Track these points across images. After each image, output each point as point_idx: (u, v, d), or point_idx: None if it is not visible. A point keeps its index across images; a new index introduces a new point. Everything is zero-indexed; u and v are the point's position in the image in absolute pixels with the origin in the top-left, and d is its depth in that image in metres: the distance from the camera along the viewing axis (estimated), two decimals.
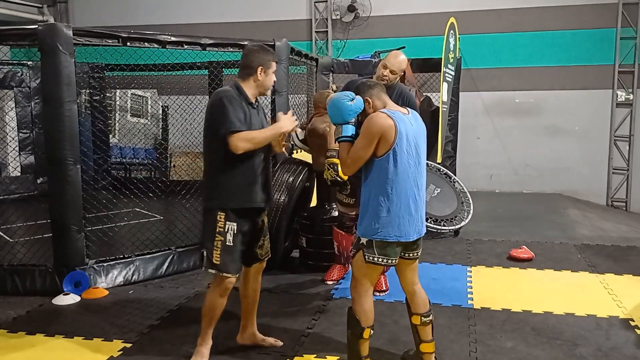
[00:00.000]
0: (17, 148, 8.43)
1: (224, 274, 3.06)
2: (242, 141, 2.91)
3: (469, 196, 6.62)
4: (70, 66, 4.31)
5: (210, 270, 3.09)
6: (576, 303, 4.18)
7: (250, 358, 3.29)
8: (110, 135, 9.61)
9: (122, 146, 9.83)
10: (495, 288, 4.55)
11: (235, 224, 3.04)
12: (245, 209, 3.07)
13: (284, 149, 3.27)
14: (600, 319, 3.90)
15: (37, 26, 4.24)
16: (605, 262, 5.20)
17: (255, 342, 3.42)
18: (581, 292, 4.44)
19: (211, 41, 4.98)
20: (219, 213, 3.03)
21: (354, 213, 4.29)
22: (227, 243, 3.03)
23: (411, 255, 3.01)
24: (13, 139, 8.23)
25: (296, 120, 3.07)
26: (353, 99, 2.91)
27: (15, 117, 8.40)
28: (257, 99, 3.17)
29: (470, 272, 4.95)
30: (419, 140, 2.97)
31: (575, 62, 8.59)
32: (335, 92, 4.89)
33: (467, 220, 6.29)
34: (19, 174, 8.58)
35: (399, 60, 4.05)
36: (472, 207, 6.48)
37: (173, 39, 4.83)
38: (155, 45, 4.79)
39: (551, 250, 5.63)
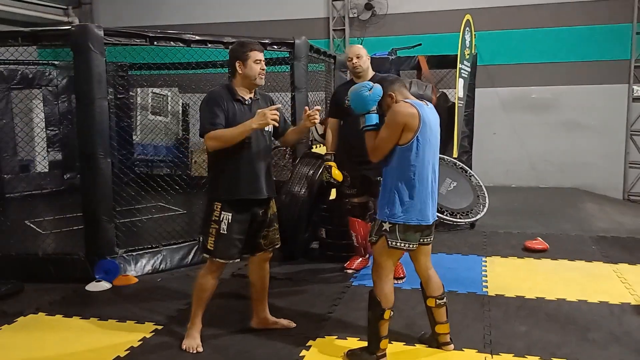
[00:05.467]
0: (45, 145, 8.74)
1: (216, 259, 3.28)
2: (211, 140, 3.11)
3: (485, 190, 6.73)
4: (101, 65, 4.53)
5: (204, 255, 3.34)
6: (589, 291, 4.29)
7: (274, 339, 3.47)
8: (133, 134, 9.88)
9: (143, 144, 10.09)
10: (509, 277, 4.67)
11: (230, 214, 3.22)
12: (239, 201, 3.24)
13: (316, 122, 3.33)
14: (613, 305, 4.00)
15: (70, 27, 4.47)
16: (620, 253, 5.29)
17: (268, 325, 3.60)
18: (595, 281, 4.55)
19: (234, 40, 5.14)
20: (215, 203, 3.25)
21: (357, 200, 4.58)
22: (221, 231, 3.23)
23: (426, 240, 3.17)
24: (40, 135, 8.53)
25: (275, 113, 3.07)
26: (371, 88, 3.07)
27: (44, 115, 8.69)
28: (255, 93, 3.30)
29: (486, 262, 5.08)
30: (436, 130, 3.13)
31: (591, 57, 8.63)
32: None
33: (482, 213, 6.41)
34: (47, 170, 8.87)
35: (354, 47, 4.52)
36: (487, 201, 6.59)
37: (197, 38, 5.03)
38: (181, 44, 4.99)
39: (566, 241, 5.73)
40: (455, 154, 6.93)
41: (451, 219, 6.20)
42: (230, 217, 3.23)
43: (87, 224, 4.73)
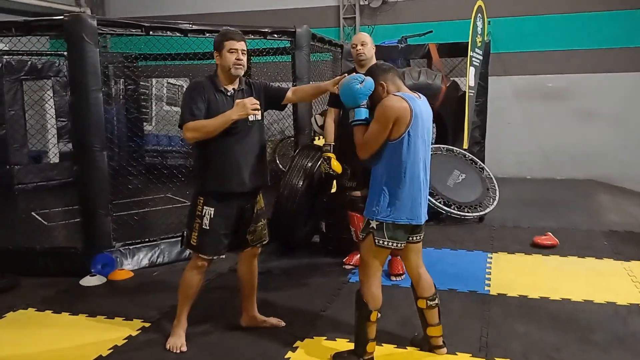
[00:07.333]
0: (55, 136, 8.76)
1: (200, 255, 3.20)
2: (189, 131, 2.99)
3: (495, 182, 6.54)
4: (95, 55, 4.45)
5: (188, 250, 3.29)
6: (596, 290, 4.11)
7: (263, 338, 3.38)
8: (147, 124, 9.87)
9: (158, 134, 10.08)
10: (514, 274, 4.50)
11: (212, 209, 3.13)
12: (224, 194, 3.13)
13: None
14: (620, 306, 3.82)
15: (63, 17, 4.39)
16: (632, 249, 5.07)
17: (257, 324, 3.51)
18: (603, 279, 4.36)
19: (232, 29, 5.03)
20: (198, 197, 3.16)
21: (359, 194, 4.39)
22: (204, 226, 3.14)
23: (416, 238, 3.02)
24: (52, 127, 8.56)
25: (255, 104, 2.98)
26: (362, 81, 2.91)
27: (54, 106, 8.70)
28: (240, 83, 3.18)
29: (491, 258, 4.91)
30: (429, 124, 2.97)
31: (609, 44, 8.33)
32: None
33: (492, 207, 6.22)
34: (58, 161, 8.89)
35: (359, 34, 4.43)
36: (497, 193, 6.40)
37: (195, 27, 4.91)
38: (178, 34, 4.88)
39: (576, 236, 5.53)
40: (465, 145, 6.74)
41: (458, 212, 6.03)
42: (212, 212, 3.14)
43: (84, 217, 4.70)
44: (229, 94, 3.13)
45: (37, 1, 9.88)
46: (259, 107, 3.02)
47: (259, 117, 3.23)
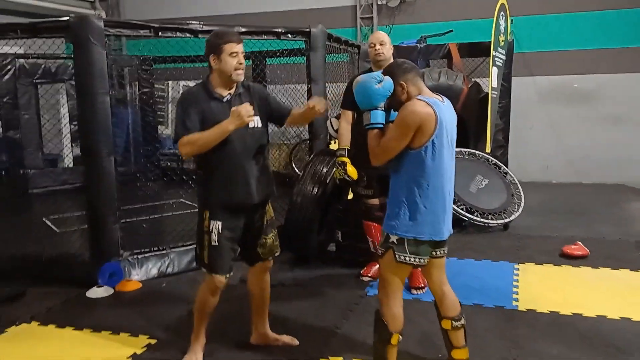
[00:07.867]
0: (69, 140, 8.67)
1: (213, 274, 2.97)
2: (184, 146, 2.79)
3: (520, 187, 6.25)
4: (102, 57, 4.28)
5: (202, 269, 3.05)
6: (634, 306, 3.81)
7: (273, 357, 3.17)
8: (164, 127, 9.74)
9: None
10: (543, 288, 4.23)
11: (220, 223, 2.91)
12: (231, 206, 2.92)
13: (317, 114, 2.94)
14: None
15: (68, 18, 4.23)
16: None
17: (267, 342, 3.29)
18: None
19: (244, 29, 4.86)
20: (204, 212, 2.95)
21: (377, 202, 4.15)
22: (213, 243, 2.92)
23: (439, 253, 2.77)
24: (64, 130, 8.48)
25: (250, 111, 2.75)
26: (381, 81, 2.66)
27: (67, 110, 8.61)
28: (237, 87, 2.94)
29: (518, 270, 4.63)
30: (454, 131, 2.72)
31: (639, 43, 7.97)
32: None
33: (517, 214, 5.94)
34: (72, 165, 8.80)
35: (377, 33, 4.23)
36: (523, 200, 6.11)
37: (205, 28, 4.73)
38: (188, 35, 4.71)
39: (608, 246, 5.21)
40: (488, 149, 6.48)
41: (482, 220, 5.76)
42: (220, 226, 2.92)
43: (91, 225, 4.53)
44: (224, 100, 2.90)
45: (53, 4, 9.83)
46: (254, 114, 2.79)
47: (260, 125, 3.00)
